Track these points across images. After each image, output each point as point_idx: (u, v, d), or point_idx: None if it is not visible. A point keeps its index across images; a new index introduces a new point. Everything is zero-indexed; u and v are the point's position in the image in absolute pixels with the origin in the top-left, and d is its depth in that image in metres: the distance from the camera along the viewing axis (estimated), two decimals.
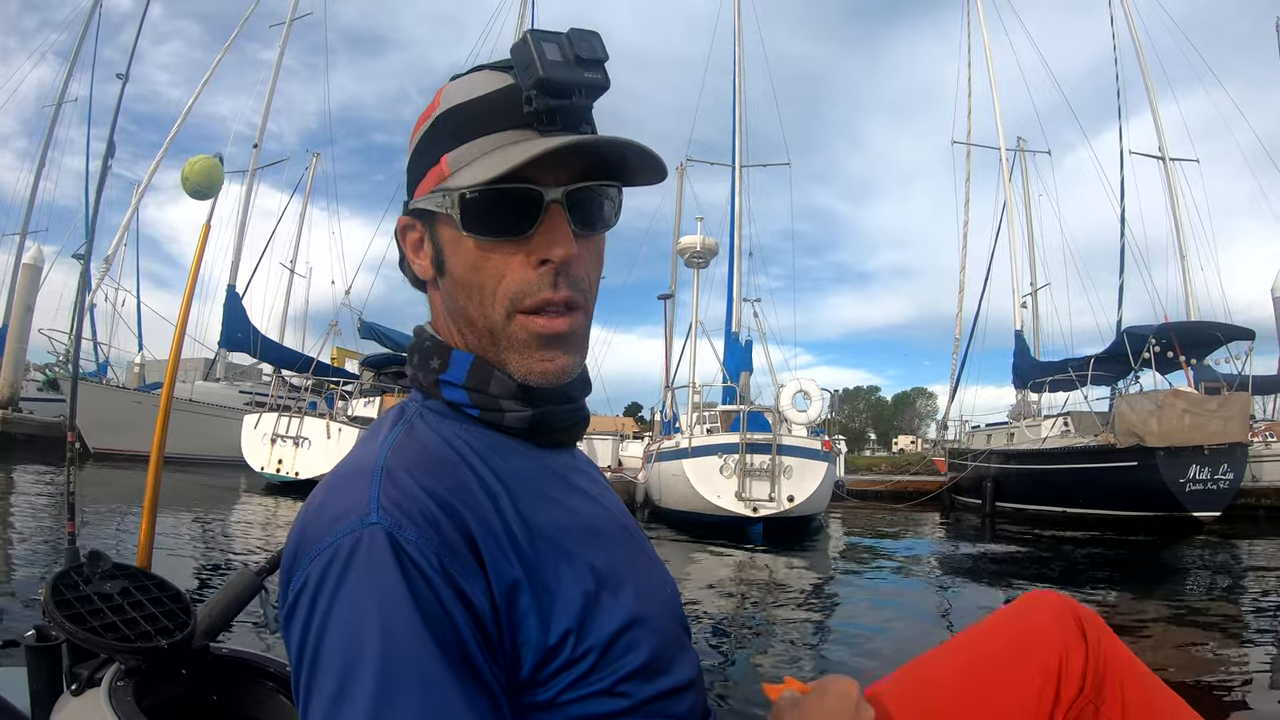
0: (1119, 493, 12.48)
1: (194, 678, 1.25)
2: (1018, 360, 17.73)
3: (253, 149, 20.43)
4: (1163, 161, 18.35)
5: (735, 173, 18.62)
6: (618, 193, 0.71)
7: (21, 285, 18.02)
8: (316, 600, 0.54)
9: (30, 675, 1.19)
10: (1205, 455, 11.90)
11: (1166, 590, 6.56)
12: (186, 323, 2.12)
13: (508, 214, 0.65)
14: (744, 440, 10.49)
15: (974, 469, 16.41)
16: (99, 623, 1.16)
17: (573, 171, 0.66)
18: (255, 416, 14.80)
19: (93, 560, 1.27)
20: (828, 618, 5.28)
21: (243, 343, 19.28)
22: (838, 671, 0.82)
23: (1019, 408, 18.34)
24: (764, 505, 10.34)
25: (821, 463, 10.78)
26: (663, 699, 0.67)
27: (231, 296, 19.42)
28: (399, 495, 0.57)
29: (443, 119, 0.68)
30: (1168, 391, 12.64)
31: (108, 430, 15.95)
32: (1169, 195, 18.23)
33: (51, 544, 5.73)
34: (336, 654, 0.51)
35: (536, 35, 0.62)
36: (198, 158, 1.96)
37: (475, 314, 0.68)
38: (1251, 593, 6.54)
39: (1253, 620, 5.24)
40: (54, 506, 8.20)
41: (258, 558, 5.82)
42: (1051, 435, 15.26)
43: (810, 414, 11.58)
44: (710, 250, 12.76)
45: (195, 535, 7.34)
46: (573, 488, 0.73)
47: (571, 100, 0.64)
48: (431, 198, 0.67)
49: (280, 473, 14.00)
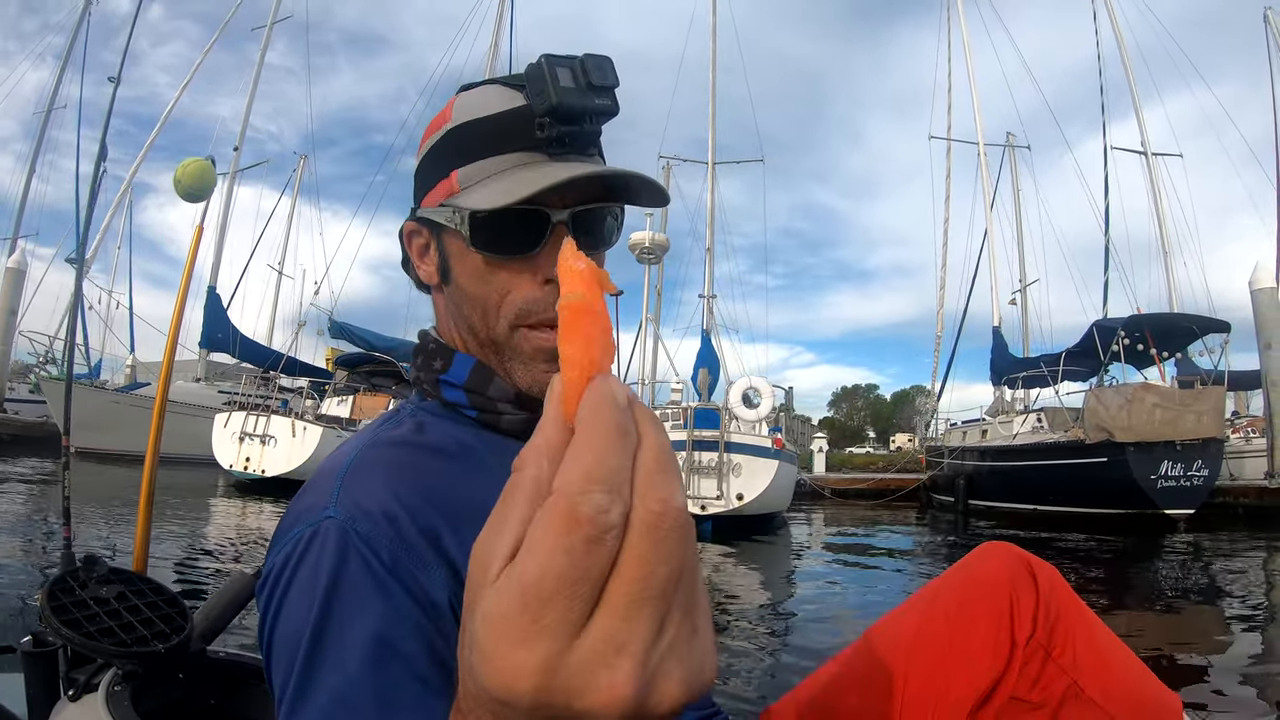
0: (1089, 490, 12.20)
1: (191, 682, 1.26)
2: (995, 356, 17.52)
3: (233, 151, 20.48)
4: (1145, 156, 18.05)
5: (710, 170, 18.55)
6: (620, 211, 0.73)
7: (5, 289, 18.20)
8: (274, 591, 0.56)
9: (27, 681, 1.20)
10: (1178, 451, 11.59)
11: (1125, 594, 6.28)
12: (180, 324, 2.10)
13: (516, 234, 0.67)
14: (690, 437, 10.36)
15: (949, 466, 16.19)
16: (95, 628, 1.17)
17: (579, 194, 0.68)
18: (225, 415, 14.90)
19: (88, 565, 1.28)
20: (778, 604, 5.31)
21: (223, 343, 19.39)
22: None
23: (996, 404, 18.09)
24: (712, 504, 10.20)
25: (772, 460, 10.61)
26: None
27: (212, 297, 19.51)
28: (360, 492, 0.58)
29: (454, 134, 0.70)
30: (1138, 385, 12.36)
31: (88, 430, 16.11)
32: (1152, 190, 17.94)
33: (46, 548, 5.70)
34: (286, 643, 0.53)
35: (551, 60, 0.63)
36: (190, 160, 1.97)
37: (479, 324, 0.70)
38: (1218, 597, 6.10)
39: (1208, 625, 5.03)
40: (44, 509, 8.17)
41: (257, 559, 5.76)
42: (1023, 432, 15.01)
43: (760, 411, 11.41)
44: (660, 246, 12.68)
45: (188, 537, 7.27)
46: None
47: (582, 126, 0.66)
48: (441, 211, 0.69)
49: (248, 470, 14.11)
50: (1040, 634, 0.84)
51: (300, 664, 0.51)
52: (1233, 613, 5.28)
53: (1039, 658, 0.84)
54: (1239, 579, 6.97)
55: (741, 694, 3.10)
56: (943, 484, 16.77)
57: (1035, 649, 0.84)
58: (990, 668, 0.84)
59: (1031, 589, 0.86)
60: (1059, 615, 0.85)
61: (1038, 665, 0.84)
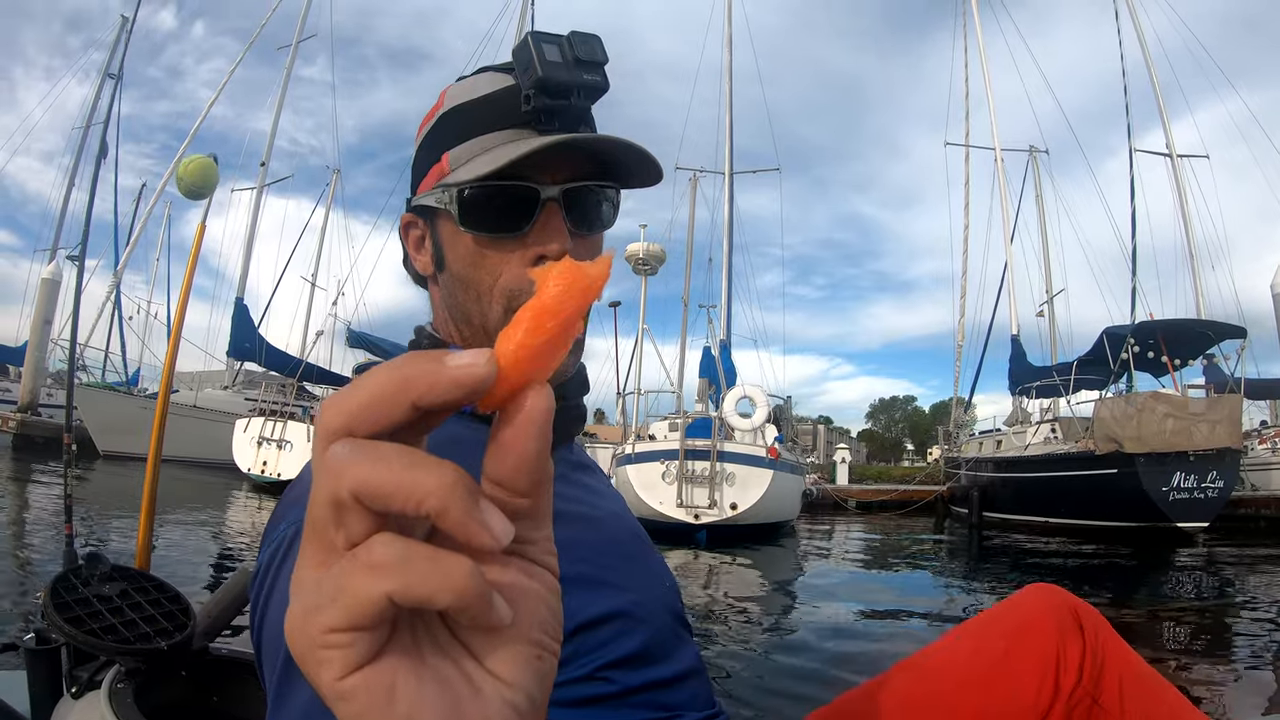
0: (1100, 502, 11.85)
1: (194, 679, 1.25)
2: (1013, 365, 17.17)
3: (260, 166, 21.13)
4: (1170, 159, 17.59)
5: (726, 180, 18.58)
6: (615, 194, 0.72)
7: (40, 299, 19.04)
8: (261, 588, 0.55)
9: (30, 678, 1.20)
10: (1191, 462, 11.17)
11: (1131, 608, 6.03)
12: (182, 325, 2.08)
13: (505, 211, 0.66)
14: (683, 446, 10.39)
15: (965, 477, 15.91)
16: (98, 625, 1.16)
17: (570, 171, 0.67)
18: (245, 420, 15.38)
19: (91, 562, 1.28)
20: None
21: (250, 352, 20.01)
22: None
23: (1014, 414, 17.73)
24: (705, 513, 10.21)
25: (766, 470, 10.57)
26: (654, 688, 0.68)
27: (239, 308, 20.17)
28: None
29: (445, 118, 0.70)
30: (1148, 394, 11.98)
31: (117, 433, 16.77)
32: (1177, 193, 17.47)
33: (54, 545, 5.74)
34: (272, 640, 0.52)
35: (537, 37, 0.63)
36: (193, 157, 1.95)
37: (473, 310, 0.70)
38: (1233, 619, 5.76)
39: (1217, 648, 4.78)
40: (59, 508, 8.45)
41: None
42: (1036, 443, 14.67)
43: (754, 421, 11.39)
44: (655, 257, 12.76)
45: (196, 536, 7.45)
46: (566, 479, 0.72)
47: (570, 101, 0.65)
48: (432, 194, 0.69)
49: (265, 474, 14.56)
50: (1087, 682, 0.84)
51: (283, 661, 0.50)
52: (1246, 630, 5.12)
53: (1085, 705, 0.83)
54: (1256, 594, 6.76)
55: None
56: (959, 495, 16.45)
57: (1082, 696, 0.83)
58: (1034, 713, 0.83)
59: (1078, 636, 0.86)
60: (1105, 662, 0.85)
61: (1084, 712, 0.84)
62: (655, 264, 12.60)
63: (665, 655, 0.70)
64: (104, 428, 16.87)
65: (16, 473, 13.15)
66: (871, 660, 3.88)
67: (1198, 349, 13.61)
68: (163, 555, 5.46)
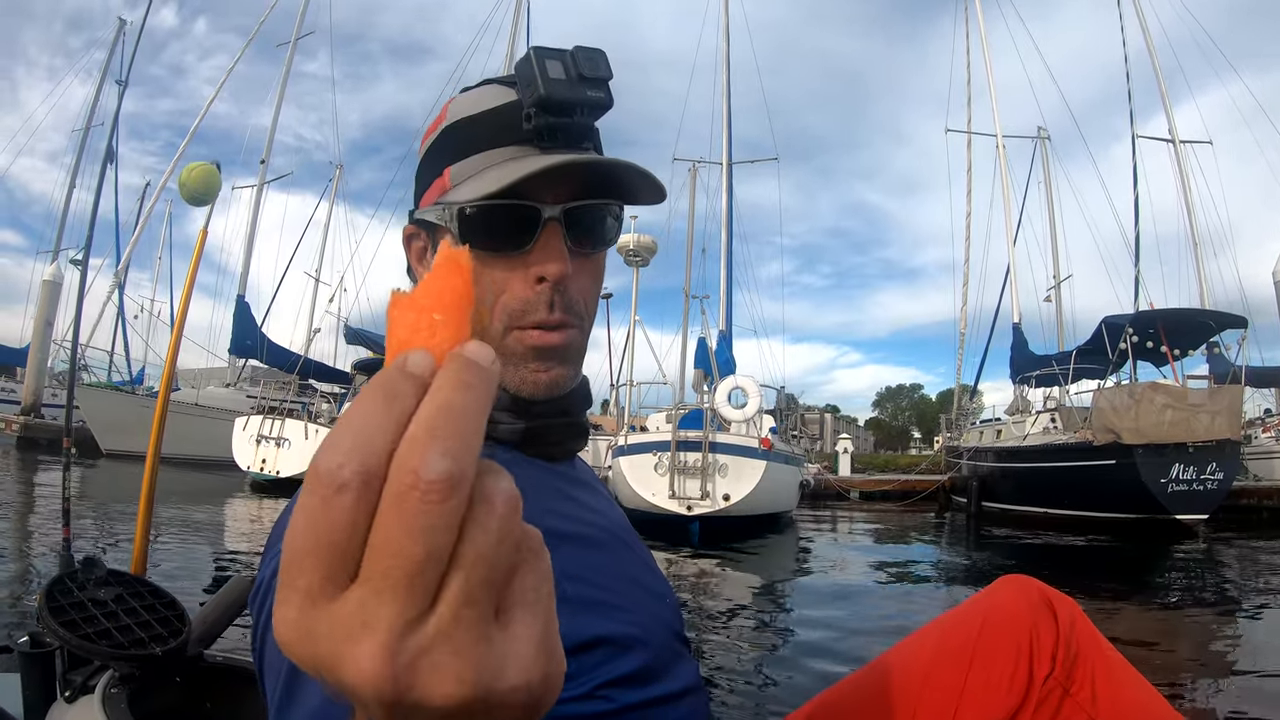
0: (1099, 493, 11.76)
1: (188, 685, 1.25)
2: (1014, 354, 17.05)
3: (260, 164, 21.18)
4: (1173, 144, 17.37)
5: (724, 170, 18.49)
6: (618, 211, 0.71)
7: (42, 301, 19.19)
8: (265, 603, 0.54)
9: (24, 682, 1.20)
10: (1190, 453, 11.07)
11: (1126, 600, 5.95)
12: (183, 329, 2.07)
13: (505, 230, 0.65)
14: (675, 437, 10.36)
15: (966, 467, 15.83)
16: (93, 629, 1.17)
17: (572, 189, 0.66)
18: (244, 418, 15.43)
19: (87, 566, 1.29)
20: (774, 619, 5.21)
21: (252, 349, 20.11)
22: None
23: (1015, 403, 17.60)
24: (698, 504, 10.17)
25: (760, 461, 10.51)
26: (653, 705, 0.67)
27: (241, 306, 20.26)
28: None
29: (448, 132, 0.70)
30: (1146, 384, 11.86)
31: (119, 432, 16.94)
32: (1181, 180, 17.25)
33: (52, 548, 5.65)
34: (275, 654, 0.52)
35: (540, 52, 0.63)
36: (195, 164, 1.94)
37: (474, 328, 0.70)
38: (1226, 605, 5.73)
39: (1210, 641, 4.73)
40: (56, 510, 8.48)
41: (256, 560, 5.87)
42: (1035, 433, 14.56)
43: (747, 411, 11.33)
44: (646, 248, 12.69)
45: (194, 537, 7.41)
46: (566, 497, 0.73)
47: (573, 118, 0.65)
48: (433, 209, 0.69)
49: (264, 471, 14.60)
50: (1059, 671, 0.83)
51: (286, 674, 0.50)
52: (1244, 622, 5.10)
53: (1056, 695, 0.82)
54: (1254, 585, 6.69)
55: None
56: (960, 485, 16.39)
57: (1053, 686, 0.82)
58: (1005, 704, 0.82)
59: (1051, 625, 0.85)
60: (1079, 652, 0.84)
61: (1055, 703, 0.83)
62: (646, 255, 12.56)
63: (665, 673, 0.69)
64: (106, 427, 17.05)
65: (18, 474, 13.27)
66: (859, 659, 3.86)
67: (1198, 339, 13.46)
68: (160, 557, 5.49)
